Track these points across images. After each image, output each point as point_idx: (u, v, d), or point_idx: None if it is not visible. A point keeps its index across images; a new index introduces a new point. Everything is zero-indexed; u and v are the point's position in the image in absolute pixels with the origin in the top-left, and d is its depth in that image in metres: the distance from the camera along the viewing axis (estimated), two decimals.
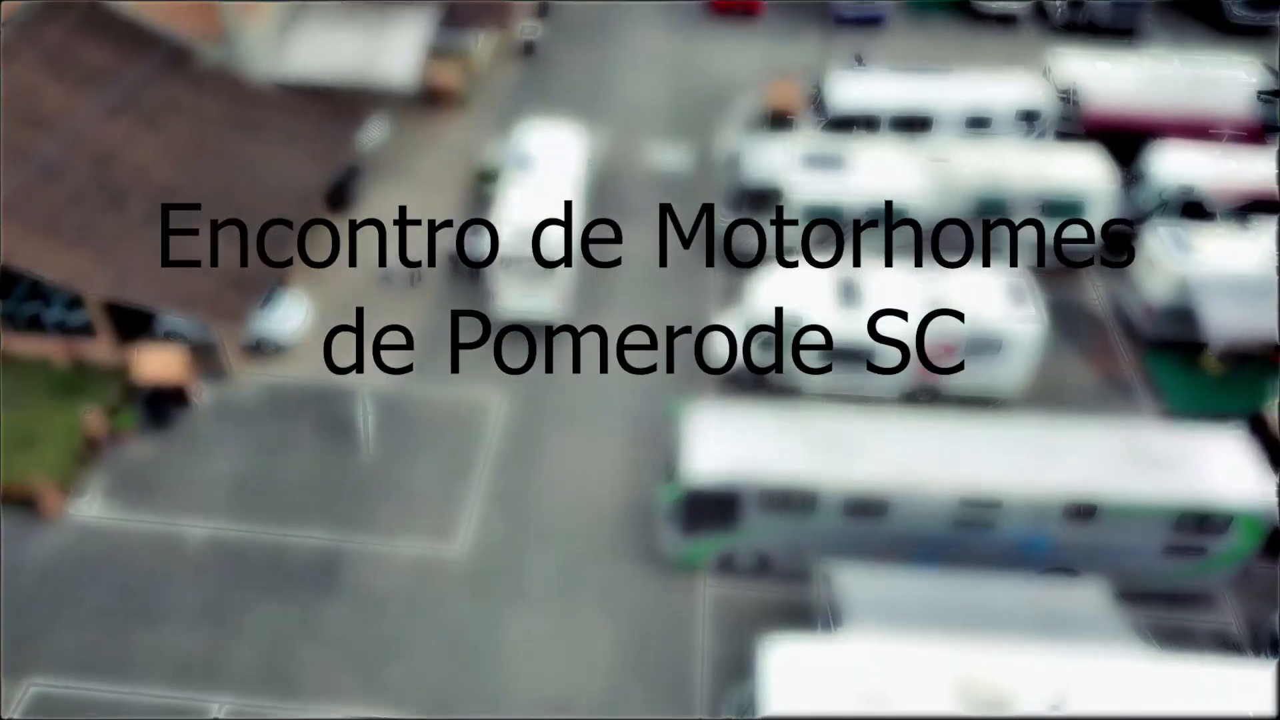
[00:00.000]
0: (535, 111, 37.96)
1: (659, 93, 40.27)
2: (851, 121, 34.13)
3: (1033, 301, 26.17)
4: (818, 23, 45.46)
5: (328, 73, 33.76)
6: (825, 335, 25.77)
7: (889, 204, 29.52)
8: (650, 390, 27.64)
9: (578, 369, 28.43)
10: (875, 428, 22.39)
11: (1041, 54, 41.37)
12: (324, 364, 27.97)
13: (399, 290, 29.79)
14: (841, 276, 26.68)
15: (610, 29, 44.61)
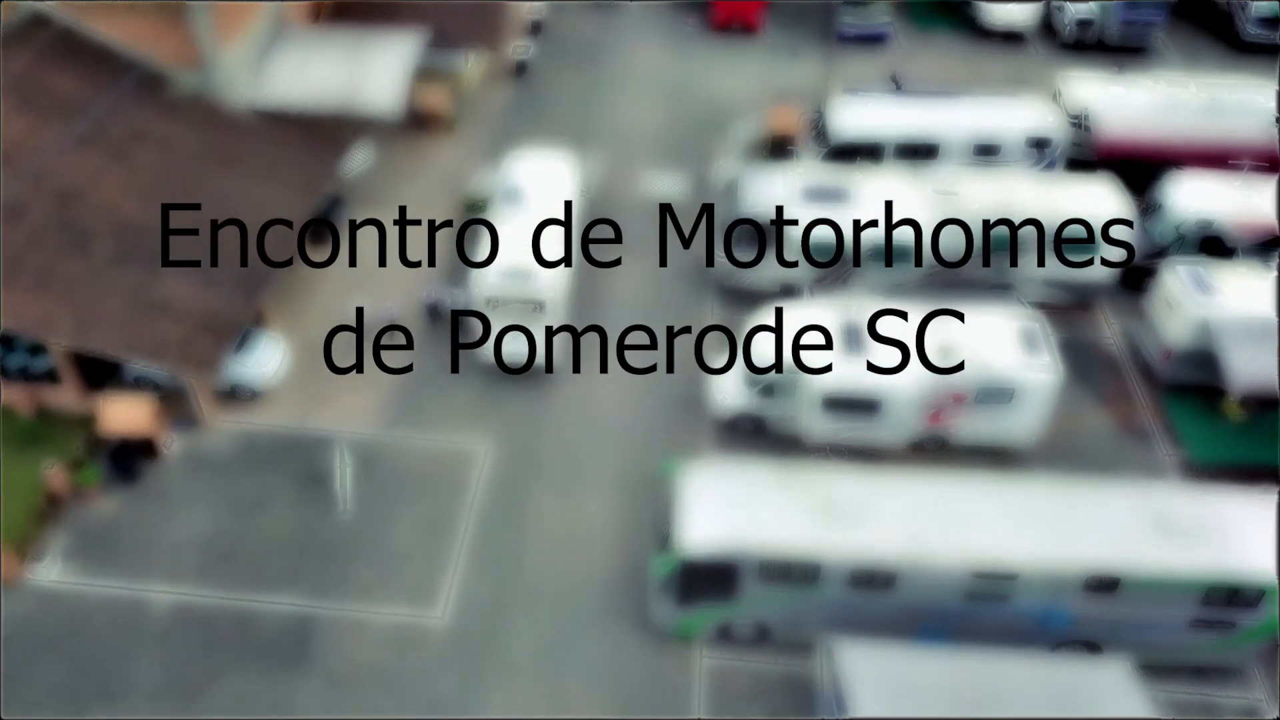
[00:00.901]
0: (527, 135, 36.65)
1: (654, 115, 38.91)
2: (854, 149, 32.76)
3: (1047, 348, 24.81)
4: (819, 41, 44.06)
5: (309, 99, 32.37)
6: (829, 380, 24.43)
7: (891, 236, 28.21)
8: (644, 434, 26.27)
9: (578, 369, 28.15)
10: (882, 490, 21.04)
11: (1050, 73, 40.13)
12: (302, 410, 26.63)
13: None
14: (844, 320, 25.30)
15: (604, 47, 43.25)
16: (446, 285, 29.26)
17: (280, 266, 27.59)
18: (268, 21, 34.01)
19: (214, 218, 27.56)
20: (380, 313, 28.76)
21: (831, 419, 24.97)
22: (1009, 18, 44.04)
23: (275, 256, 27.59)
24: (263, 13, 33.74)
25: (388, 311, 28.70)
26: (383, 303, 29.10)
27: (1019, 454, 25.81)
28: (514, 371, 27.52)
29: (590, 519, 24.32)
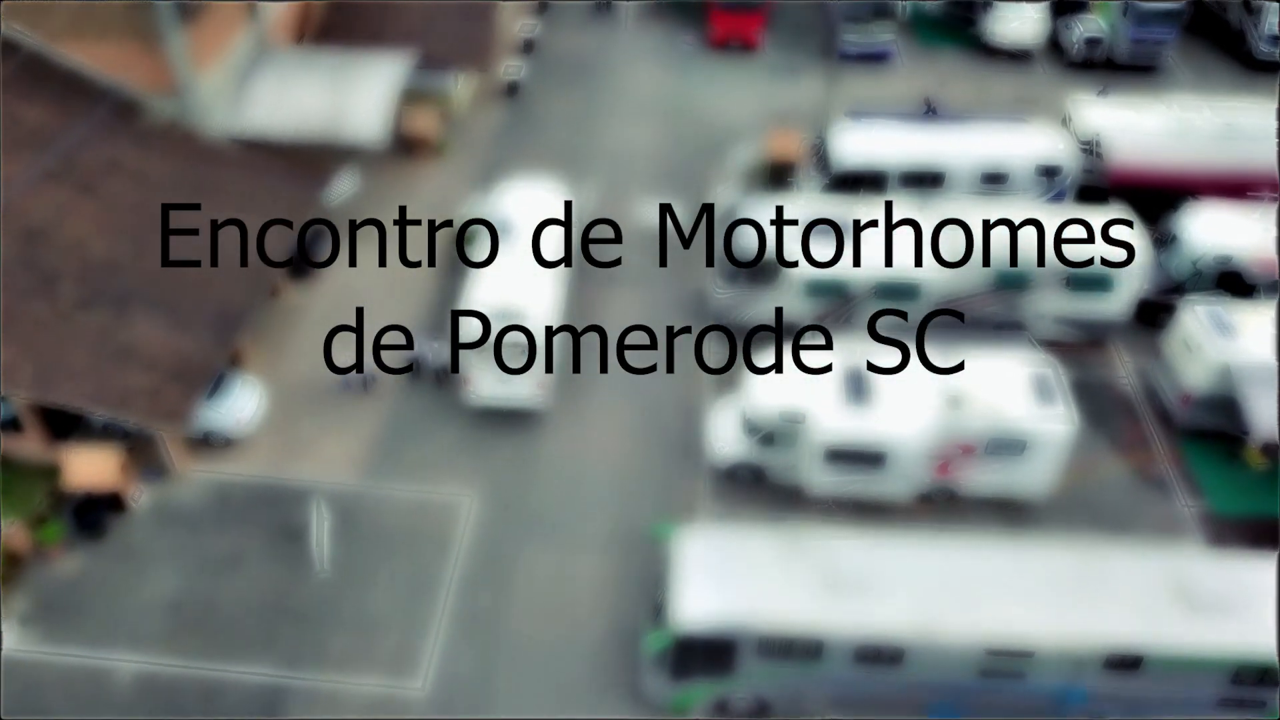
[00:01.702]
0: (518, 159, 35.46)
1: (650, 138, 37.67)
2: (857, 178, 31.50)
3: (1061, 397, 23.56)
4: (820, 59, 42.85)
5: (290, 127, 31.10)
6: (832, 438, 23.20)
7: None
8: (639, 483, 25.02)
9: (578, 369, 28.00)
10: (889, 556, 19.79)
11: (1057, 92, 38.98)
12: (278, 458, 25.37)
13: (355, 394, 27.01)
14: (847, 368, 24.05)
15: (599, 66, 42.01)
16: (428, 337, 27.62)
17: (256, 305, 26.36)
18: (248, 45, 32.78)
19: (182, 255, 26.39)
20: (362, 372, 27.27)
21: (835, 471, 23.73)
22: (1015, 36, 42.82)
23: (252, 294, 26.38)
24: (242, 36, 32.51)
25: (367, 368, 27.26)
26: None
27: (1031, 506, 24.57)
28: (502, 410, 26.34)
29: (581, 578, 23.05)
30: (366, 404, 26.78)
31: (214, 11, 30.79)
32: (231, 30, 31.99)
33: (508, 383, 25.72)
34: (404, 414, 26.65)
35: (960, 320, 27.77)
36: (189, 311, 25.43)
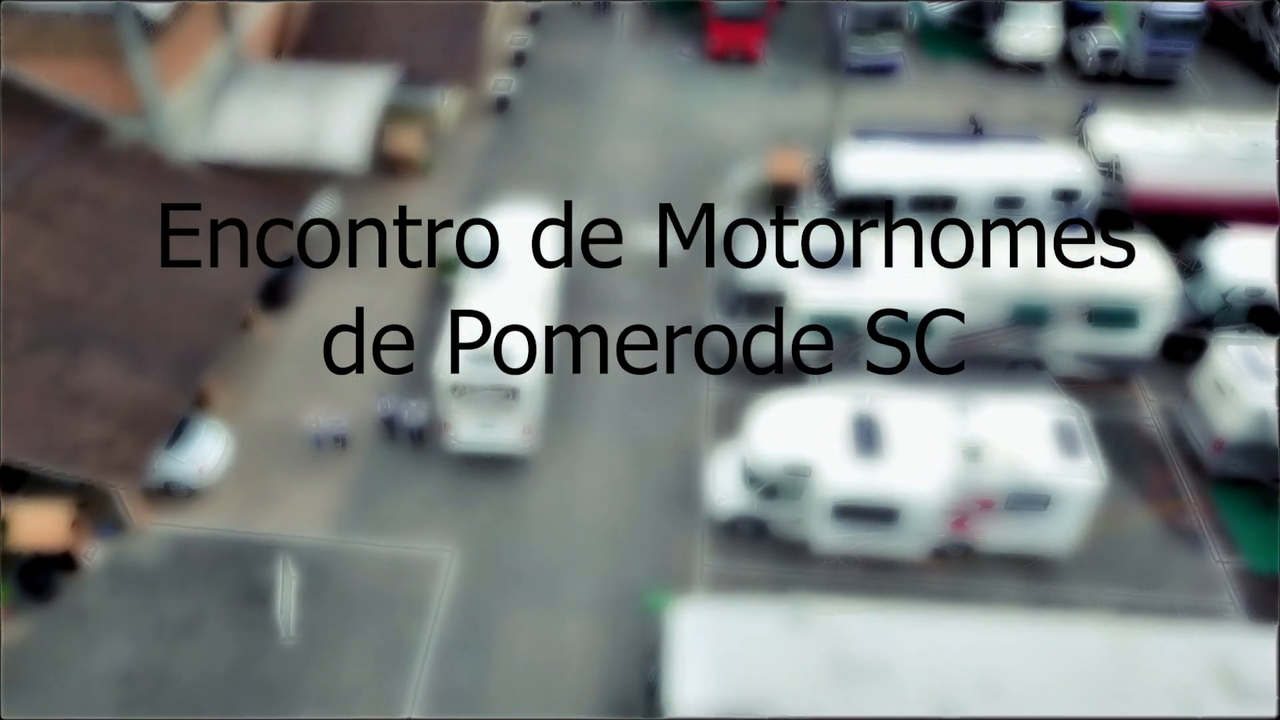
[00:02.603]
0: (507, 180, 33.81)
1: (646, 156, 35.94)
2: (864, 202, 29.78)
3: (1087, 447, 21.83)
4: (823, 71, 41.15)
5: (264, 149, 29.35)
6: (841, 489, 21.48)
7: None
8: (632, 536, 23.28)
9: (578, 369, 27.36)
10: (904, 637, 18.02)
11: (1071, 107, 37.29)
12: (245, 510, 23.64)
13: (328, 452, 25.08)
14: (856, 414, 22.34)
15: (592, 79, 40.28)
16: (401, 396, 25.44)
17: (224, 342, 24.65)
18: (221, 61, 31.04)
19: (151, 288, 24.65)
20: (328, 426, 25.03)
21: (844, 528, 22.00)
22: (1026, 48, 41.11)
23: (218, 332, 24.67)
24: (215, 52, 30.78)
25: (337, 425, 25.06)
26: (330, 415, 25.22)
27: (1052, 562, 22.86)
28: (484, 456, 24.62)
29: (568, 646, 21.30)
30: (334, 474, 25.01)
31: (184, 27, 29.07)
32: (202, 46, 30.26)
33: (491, 428, 23.99)
34: (381, 461, 24.92)
35: (975, 355, 26.10)
36: (150, 351, 23.71)
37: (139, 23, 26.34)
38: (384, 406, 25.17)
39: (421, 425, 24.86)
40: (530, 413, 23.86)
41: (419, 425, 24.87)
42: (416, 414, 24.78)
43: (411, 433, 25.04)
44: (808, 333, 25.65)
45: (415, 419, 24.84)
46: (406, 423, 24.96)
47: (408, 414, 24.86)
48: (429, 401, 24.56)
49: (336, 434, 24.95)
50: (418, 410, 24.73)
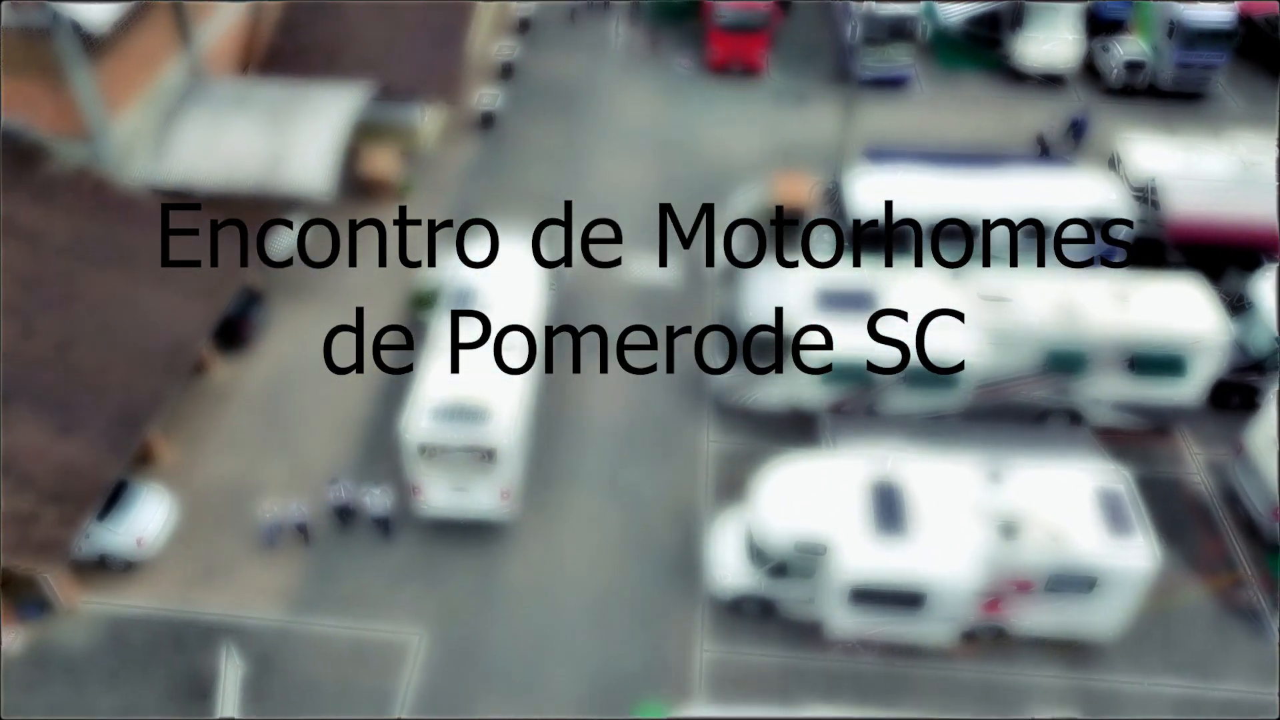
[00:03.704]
0: (491, 204, 31.32)
1: (641, 177, 33.39)
2: (878, 231, 27.23)
3: (1138, 521, 19.30)
4: (831, 84, 38.63)
5: (221, 175, 26.78)
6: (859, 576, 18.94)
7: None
8: (622, 615, 20.75)
9: (577, 369, 26.04)
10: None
11: (1094, 123, 34.80)
12: (189, 586, 21.09)
13: (286, 546, 21.95)
14: (875, 481, 19.80)
15: (585, 92, 37.73)
16: (357, 480, 22.53)
17: (171, 392, 22.10)
18: (177, 77, 28.51)
19: (90, 333, 22.13)
20: (285, 515, 21.84)
21: (862, 612, 19.46)
22: (1046, 59, 38.57)
23: (164, 382, 22.13)
24: (170, 68, 28.25)
25: (296, 513, 21.75)
26: (288, 502, 22.04)
27: (1096, 648, 20.33)
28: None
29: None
30: (287, 568, 22.45)
31: (134, 40, 26.55)
32: (156, 62, 27.71)
33: (464, 492, 21.46)
34: (341, 540, 22.33)
35: (1003, 404, 23.63)
36: (83, 407, 21.15)
37: (79, 36, 23.82)
38: (337, 494, 21.77)
39: (386, 514, 21.73)
40: (509, 475, 21.33)
41: (384, 514, 21.73)
42: (380, 501, 21.60)
43: (376, 521, 21.93)
44: (824, 379, 23.16)
45: (379, 507, 21.66)
46: (370, 511, 21.80)
47: (370, 501, 21.71)
48: (393, 487, 21.82)
49: (296, 522, 21.75)
50: (381, 498, 21.59)
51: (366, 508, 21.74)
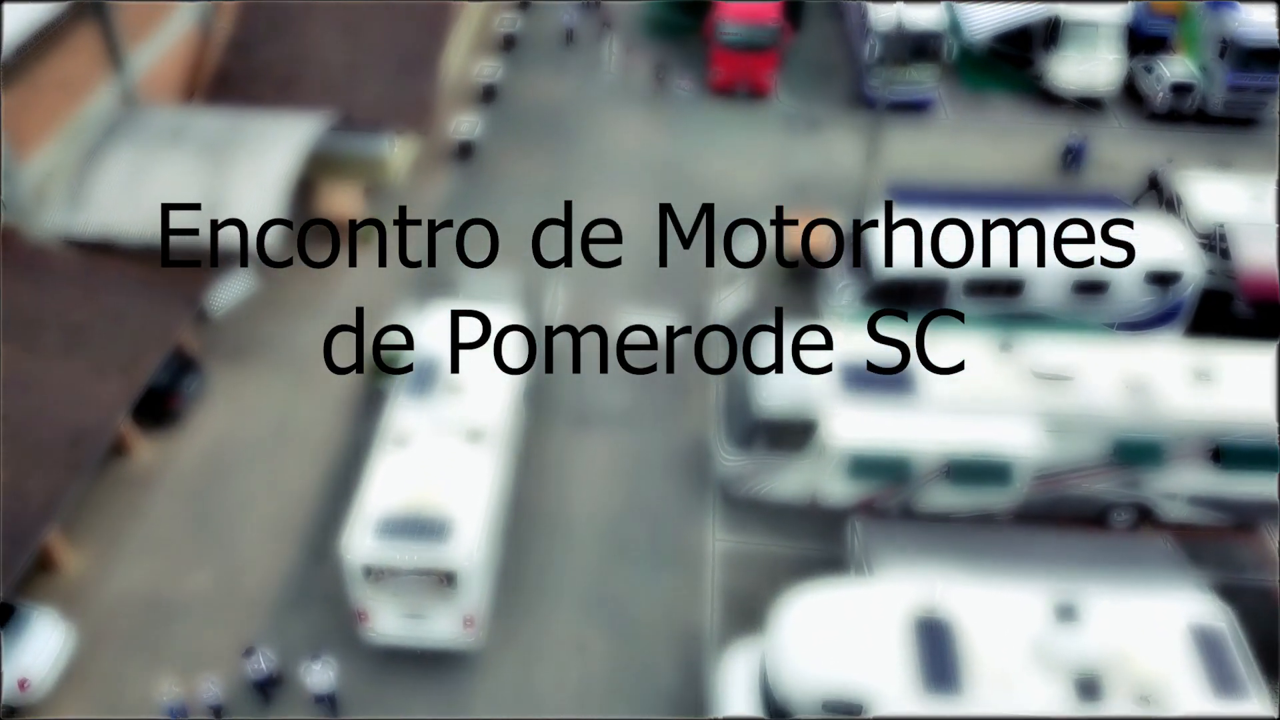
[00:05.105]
0: (468, 246, 27.70)
1: (635, 215, 29.72)
2: (908, 288, 23.66)
3: (1245, 669, 15.65)
4: (846, 109, 35.04)
5: (147, 225, 23.14)
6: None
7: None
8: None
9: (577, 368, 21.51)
10: None
11: (1138, 153, 31.33)
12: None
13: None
14: (920, 618, 16.16)
15: (574, 117, 34.09)
16: (274, 651, 18.20)
17: (65, 500, 18.44)
18: (104, 109, 24.94)
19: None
20: (186, 698, 17.44)
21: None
22: (1083, 80, 34.97)
23: (64, 480, 18.48)
24: (97, 98, 24.67)
25: (205, 692, 17.24)
26: (191, 682, 17.81)
27: None
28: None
29: None
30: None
31: (50, 65, 22.99)
32: (79, 90, 24.17)
33: (420, 619, 17.78)
34: (280, 653, 18.66)
35: (1062, 499, 20.05)
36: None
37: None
38: (256, 667, 17.37)
39: (331, 690, 17.39)
40: (474, 600, 17.65)
41: (327, 691, 17.38)
42: (321, 677, 17.21)
43: (317, 700, 17.58)
44: (852, 472, 19.56)
45: (321, 683, 17.28)
46: (310, 689, 17.44)
47: (310, 679, 17.28)
48: (335, 660, 17.89)
49: (208, 703, 17.36)
50: (322, 673, 17.19)
51: (310, 684, 17.39)
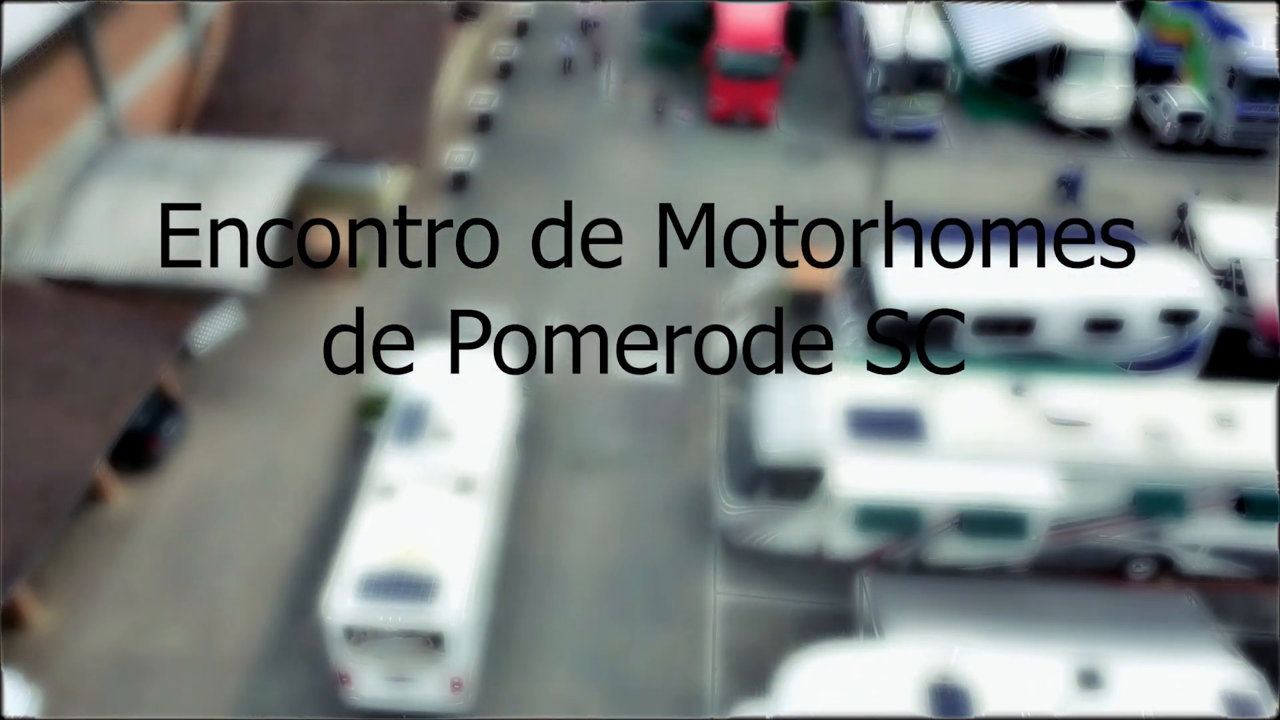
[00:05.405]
0: (462, 282, 26.99)
1: (634, 249, 28.98)
2: (915, 325, 22.87)
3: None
4: (849, 139, 34.40)
5: (129, 261, 22.36)
6: None
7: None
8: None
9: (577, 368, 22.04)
10: None
11: (1147, 185, 30.74)
12: None
13: None
14: (934, 684, 15.25)
15: (573, 149, 33.40)
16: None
17: (36, 552, 17.53)
18: (88, 138, 24.23)
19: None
20: None
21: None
22: (1090, 109, 34.36)
23: (30, 536, 17.58)
24: (78, 128, 23.96)
25: None
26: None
27: None
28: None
29: None
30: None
31: (33, 97, 22.28)
32: (60, 122, 23.45)
33: (405, 682, 16.85)
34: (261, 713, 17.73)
35: (1078, 554, 19.18)
36: None
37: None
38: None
39: None
40: (462, 662, 16.73)
41: None
42: None
43: None
44: (860, 522, 18.69)
45: None
46: None
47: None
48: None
49: None
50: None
51: None
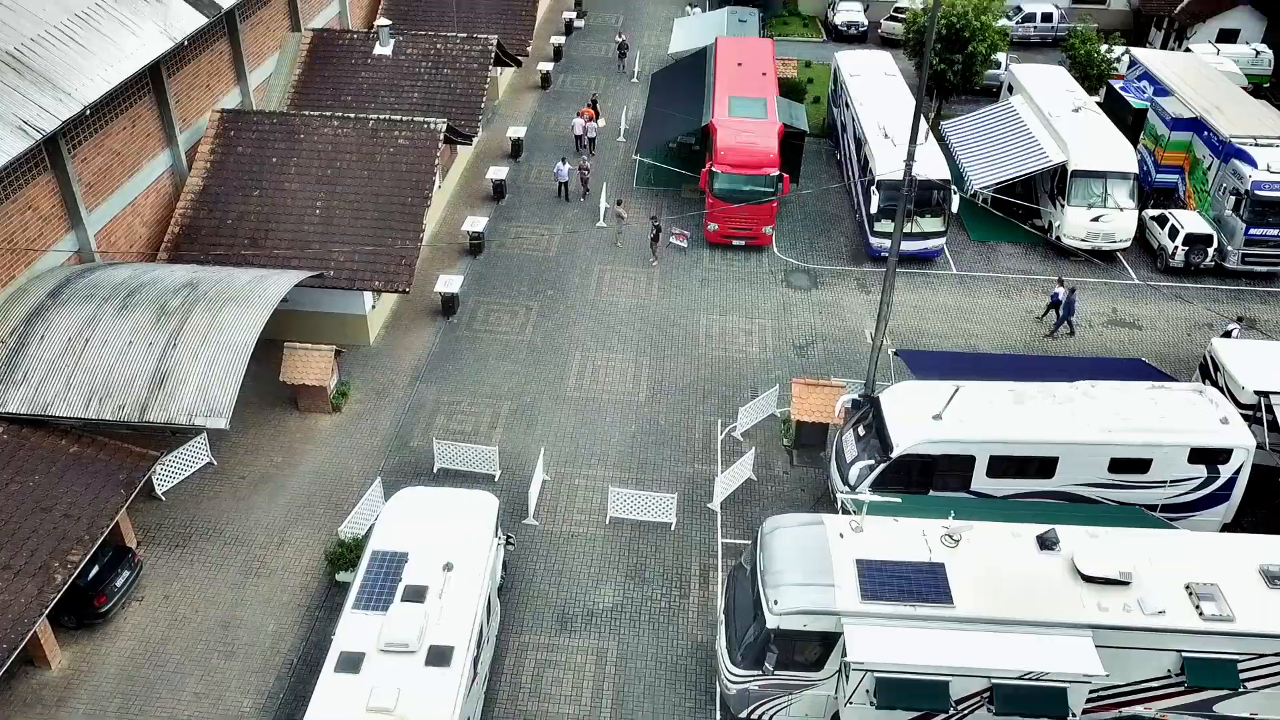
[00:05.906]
0: (445, 413, 25.55)
1: (626, 378, 27.63)
2: (929, 465, 21.34)
3: None
4: (849, 262, 33.50)
5: (82, 403, 20.79)
6: None
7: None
8: None
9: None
10: None
11: (1158, 312, 29.68)
12: None
13: None
14: None
15: (565, 272, 32.40)
16: None
17: None
18: (52, 266, 23.05)
19: None
20: None
21: None
22: (1094, 232, 33.56)
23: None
24: (44, 257, 22.82)
25: None
26: None
27: None
28: None
29: None
30: None
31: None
32: (22, 252, 22.28)
33: None
34: None
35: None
36: None
37: None
38: None
39: None
40: None
41: None
42: None
43: None
44: (880, 700, 16.73)
45: None
46: None
47: None
48: None
49: None
50: None
51: None
